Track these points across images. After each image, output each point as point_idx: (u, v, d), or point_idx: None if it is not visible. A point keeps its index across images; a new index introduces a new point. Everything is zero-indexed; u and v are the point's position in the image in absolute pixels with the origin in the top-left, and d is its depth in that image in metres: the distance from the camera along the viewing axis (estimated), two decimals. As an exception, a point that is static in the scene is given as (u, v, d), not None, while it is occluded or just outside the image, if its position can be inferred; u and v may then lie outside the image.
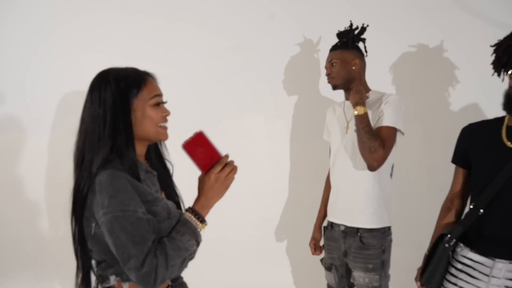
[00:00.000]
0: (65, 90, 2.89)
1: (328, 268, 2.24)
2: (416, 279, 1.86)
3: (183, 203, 1.42)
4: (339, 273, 2.20)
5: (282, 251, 3.01)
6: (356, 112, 1.96)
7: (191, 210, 1.23)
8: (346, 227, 2.10)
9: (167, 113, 1.29)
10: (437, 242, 1.76)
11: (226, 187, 1.26)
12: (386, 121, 1.98)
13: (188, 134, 1.27)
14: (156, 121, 1.24)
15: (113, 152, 1.18)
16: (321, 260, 2.32)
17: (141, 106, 1.21)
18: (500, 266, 1.61)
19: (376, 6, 2.75)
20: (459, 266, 1.70)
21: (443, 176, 2.08)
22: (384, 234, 2.06)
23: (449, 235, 1.71)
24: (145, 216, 1.14)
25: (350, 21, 2.22)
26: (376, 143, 1.91)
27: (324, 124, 2.41)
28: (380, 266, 2.03)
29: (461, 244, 1.72)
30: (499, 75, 1.71)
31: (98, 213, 1.13)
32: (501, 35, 1.72)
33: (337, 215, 2.15)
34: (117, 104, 1.18)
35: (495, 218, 1.63)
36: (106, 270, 1.23)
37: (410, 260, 2.15)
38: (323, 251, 2.32)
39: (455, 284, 1.70)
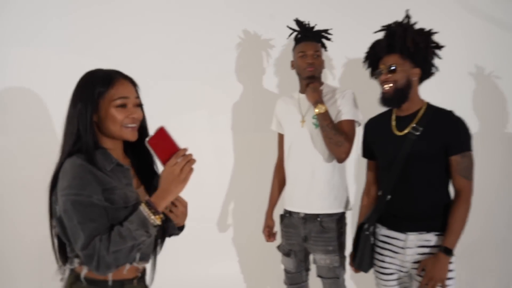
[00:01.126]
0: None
1: (286, 254, 2.34)
2: (350, 264, 2.09)
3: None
4: (297, 258, 2.32)
5: (228, 242, 3.08)
6: (317, 111, 2.11)
7: (145, 201, 1.26)
8: (306, 214, 2.22)
9: (134, 115, 1.33)
10: (359, 231, 2.00)
11: (182, 179, 1.26)
12: (347, 115, 2.16)
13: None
14: (119, 122, 1.31)
15: (78, 144, 1.28)
16: (278, 247, 2.41)
17: (105, 106, 1.30)
18: (412, 238, 1.87)
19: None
20: (381, 244, 1.97)
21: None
22: (342, 218, 2.23)
23: (367, 224, 1.96)
24: (101, 203, 1.23)
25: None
26: (341, 137, 2.08)
27: (265, 116, 2.51)
28: (339, 247, 2.19)
29: (379, 225, 1.98)
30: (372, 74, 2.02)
31: (58, 196, 1.24)
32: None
33: (296, 204, 2.26)
34: (83, 102, 1.29)
35: (401, 199, 1.89)
36: (71, 252, 1.31)
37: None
38: (280, 238, 2.43)
39: (383, 261, 1.96)
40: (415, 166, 1.85)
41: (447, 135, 1.82)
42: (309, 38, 2.28)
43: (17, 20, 2.74)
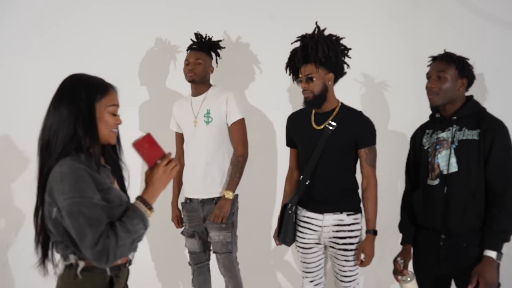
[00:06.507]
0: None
1: (191, 236, 2.59)
2: (274, 238, 2.36)
3: (128, 197, 1.62)
4: (202, 239, 2.58)
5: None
6: (227, 196, 2.44)
7: (140, 198, 1.43)
8: (204, 199, 2.50)
9: (119, 121, 1.49)
10: (283, 210, 2.26)
11: (170, 178, 1.46)
12: (236, 116, 2.50)
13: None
14: (110, 126, 1.45)
15: (72, 144, 1.37)
16: (182, 232, 2.64)
17: (100, 110, 1.42)
18: (328, 218, 2.16)
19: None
20: (302, 223, 2.24)
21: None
22: (234, 200, 2.51)
23: (290, 204, 2.22)
24: (100, 203, 1.35)
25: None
26: (241, 163, 2.48)
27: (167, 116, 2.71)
28: (231, 225, 2.50)
29: (300, 207, 2.24)
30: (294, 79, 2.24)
31: (59, 199, 1.32)
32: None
33: (195, 191, 2.55)
34: (83, 104, 1.38)
35: (318, 184, 2.17)
36: (65, 250, 1.41)
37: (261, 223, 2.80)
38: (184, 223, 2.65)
39: (303, 238, 2.23)
40: (330, 156, 2.12)
41: (357, 131, 2.13)
42: (194, 48, 2.59)
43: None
